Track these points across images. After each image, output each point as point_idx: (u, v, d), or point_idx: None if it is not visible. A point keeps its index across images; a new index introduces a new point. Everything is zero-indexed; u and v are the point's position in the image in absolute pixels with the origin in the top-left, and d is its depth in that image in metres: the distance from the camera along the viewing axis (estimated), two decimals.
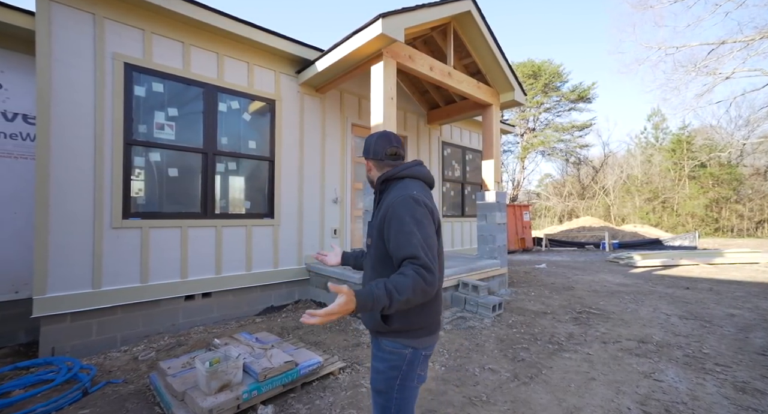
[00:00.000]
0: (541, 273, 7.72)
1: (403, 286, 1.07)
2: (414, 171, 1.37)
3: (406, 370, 1.25)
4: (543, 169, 52.96)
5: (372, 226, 1.36)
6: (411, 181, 1.34)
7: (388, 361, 1.26)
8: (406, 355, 1.25)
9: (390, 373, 1.26)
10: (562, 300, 5.07)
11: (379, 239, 1.29)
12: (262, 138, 4.54)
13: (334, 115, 5.39)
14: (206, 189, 4.00)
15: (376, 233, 1.31)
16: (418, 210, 1.21)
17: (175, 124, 3.79)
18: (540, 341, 3.42)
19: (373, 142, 1.44)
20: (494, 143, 5.67)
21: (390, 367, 1.26)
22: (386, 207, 1.25)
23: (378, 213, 1.33)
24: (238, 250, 4.26)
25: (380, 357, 1.29)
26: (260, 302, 4.48)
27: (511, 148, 29.76)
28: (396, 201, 1.23)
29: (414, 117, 6.71)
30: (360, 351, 3.20)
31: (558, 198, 29.22)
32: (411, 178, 1.35)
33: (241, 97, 4.33)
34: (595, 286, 6.09)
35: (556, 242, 14.98)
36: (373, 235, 1.33)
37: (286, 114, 4.76)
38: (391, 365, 1.26)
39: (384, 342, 1.28)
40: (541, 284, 6.29)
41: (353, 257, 1.66)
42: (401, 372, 1.25)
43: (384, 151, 1.41)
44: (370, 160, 1.46)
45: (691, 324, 3.91)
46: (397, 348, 1.25)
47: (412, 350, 1.25)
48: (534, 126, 28.42)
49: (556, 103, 27.47)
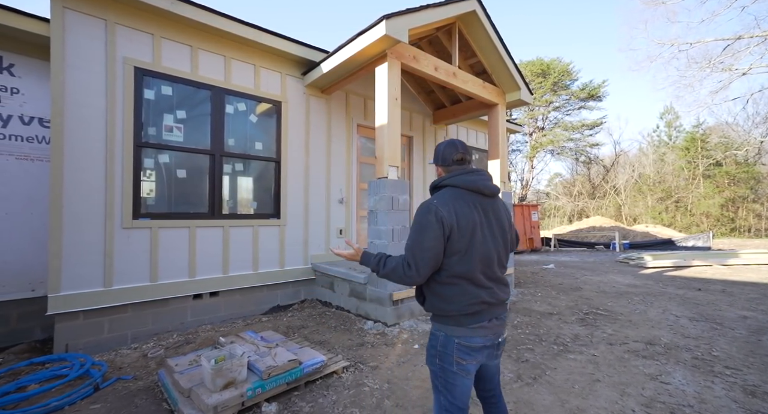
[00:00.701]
0: (548, 273, 7.65)
1: (390, 264, 1.41)
2: (454, 180, 1.47)
3: (442, 352, 1.39)
4: (552, 168, 52.42)
5: None
6: (448, 190, 1.47)
7: (431, 340, 1.46)
8: (439, 338, 1.41)
9: (431, 350, 1.45)
10: (569, 301, 5.02)
11: None
12: (268, 139, 4.60)
13: (340, 116, 5.43)
14: (214, 190, 4.08)
15: None
16: (426, 218, 1.37)
17: (184, 126, 3.87)
18: (545, 342, 3.40)
19: (442, 149, 1.58)
20: (500, 143, 5.64)
21: (431, 346, 1.45)
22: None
23: None
24: (245, 250, 4.32)
25: (430, 337, 1.49)
26: (267, 301, 4.54)
27: (519, 148, 29.53)
28: (420, 209, 1.42)
29: (420, 117, 6.71)
30: (364, 351, 3.23)
31: (568, 198, 28.86)
32: (451, 186, 1.48)
33: (248, 99, 4.39)
34: (603, 287, 6.01)
35: (565, 242, 14.81)
36: None
37: (292, 115, 4.81)
38: (432, 344, 1.45)
39: (431, 323, 1.49)
40: (548, 285, 6.23)
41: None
42: (438, 352, 1.41)
43: (451, 158, 1.54)
44: (439, 166, 1.60)
45: (702, 326, 3.84)
46: (435, 330, 1.46)
47: (444, 335, 1.40)
48: (543, 125, 28.12)
49: (565, 101, 27.16)
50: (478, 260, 1.37)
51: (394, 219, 3.91)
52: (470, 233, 1.37)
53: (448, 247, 1.36)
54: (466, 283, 1.36)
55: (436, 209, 1.36)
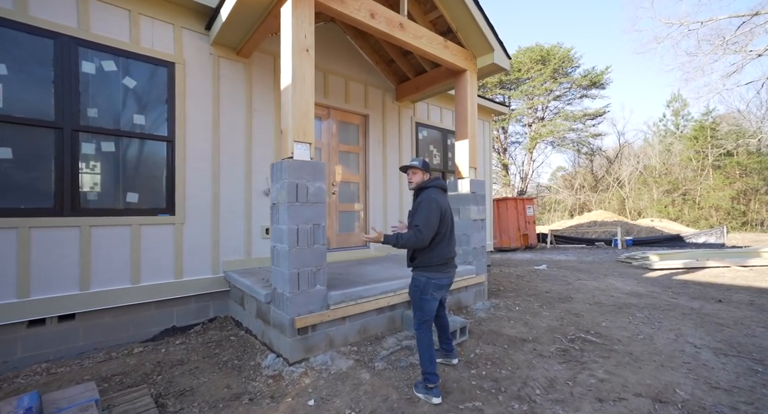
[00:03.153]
0: (537, 277, 6.54)
1: (405, 238, 2.36)
2: (436, 183, 2.57)
3: (423, 289, 2.42)
4: (554, 161, 51.02)
5: (412, 214, 2.48)
6: (432, 190, 2.52)
7: (414, 283, 2.49)
8: (421, 281, 2.44)
9: (415, 290, 2.47)
10: (552, 318, 3.93)
11: (411, 219, 2.48)
12: (156, 112, 3.51)
13: (267, 86, 4.32)
14: (63, 177, 3.01)
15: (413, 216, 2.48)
16: (430, 205, 2.39)
17: (3, 86, 2.78)
18: (503, 394, 2.32)
19: (425, 162, 2.63)
20: (469, 119, 4.51)
21: (414, 287, 2.47)
22: (419, 202, 2.47)
23: (414, 205, 2.54)
24: (119, 257, 3.26)
25: (412, 282, 2.51)
26: (155, 323, 3.49)
27: (519, 139, 28.22)
28: (424, 200, 2.43)
29: (378, 92, 5.58)
30: (239, 407, 2.16)
31: (569, 191, 27.57)
32: (433, 187, 2.54)
33: (120, 57, 3.30)
34: (599, 297, 4.90)
35: (563, 239, 13.66)
36: (412, 217, 2.48)
37: (192, 82, 3.72)
38: (414, 285, 2.47)
39: (413, 273, 2.52)
40: (533, 293, 5.13)
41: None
42: (419, 289, 2.44)
43: (429, 167, 2.65)
44: (426, 172, 2.62)
45: (734, 364, 2.74)
46: (417, 276, 2.48)
47: (425, 278, 2.43)
48: (543, 115, 26.77)
49: (566, 89, 25.72)
50: (449, 232, 2.52)
51: (299, 215, 2.83)
52: (449, 216, 2.53)
53: (440, 224, 2.42)
54: (444, 245, 2.47)
55: (436, 200, 2.42)
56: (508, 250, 12.08)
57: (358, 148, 5.37)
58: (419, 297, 2.41)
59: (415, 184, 2.59)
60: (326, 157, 4.98)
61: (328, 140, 5.01)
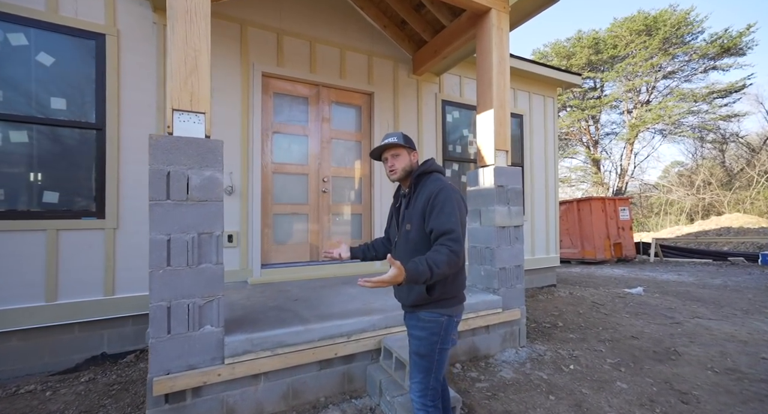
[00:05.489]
0: (624, 307, 4.57)
1: (441, 262, 1.31)
2: (437, 166, 1.65)
3: (444, 335, 1.49)
4: (664, 153, 42.35)
5: (411, 214, 1.55)
6: (439, 177, 1.60)
7: (428, 328, 1.49)
8: (442, 322, 1.49)
9: (431, 338, 1.48)
10: (633, 399, 2.27)
11: (420, 222, 1.50)
12: (80, 94, 2.95)
13: (229, 60, 3.54)
14: None
15: (417, 218, 1.51)
16: (455, 195, 1.49)
17: None
18: None
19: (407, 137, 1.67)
20: (495, 80, 3.08)
21: (431, 334, 1.48)
22: (428, 195, 1.49)
23: (415, 201, 1.56)
24: (30, 270, 2.73)
25: (420, 327, 1.51)
26: (78, 349, 2.90)
27: (614, 129, 23.69)
28: (439, 190, 1.48)
29: (387, 64, 4.41)
30: None
31: (687, 189, 22.02)
32: (437, 172, 1.62)
33: (33, 28, 2.79)
34: (734, 357, 2.94)
35: (675, 250, 10.44)
36: (414, 220, 1.53)
37: (129, 56, 3.10)
38: (431, 332, 1.49)
39: (423, 314, 1.51)
40: (609, 337, 3.37)
41: (361, 251, 1.86)
42: (440, 337, 1.49)
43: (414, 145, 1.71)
44: (414, 152, 1.68)
45: None
46: (435, 317, 1.49)
47: (447, 318, 1.50)
48: (648, 97, 21.95)
49: (683, 63, 20.61)
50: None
51: (170, 220, 1.86)
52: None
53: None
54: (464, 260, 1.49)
55: (457, 191, 1.54)
56: (593, 262, 9.59)
57: (359, 134, 4.28)
58: (439, 348, 1.50)
59: (401, 171, 1.64)
60: (315, 146, 4.01)
61: (318, 126, 4.03)
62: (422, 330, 1.51)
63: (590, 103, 22.23)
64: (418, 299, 1.50)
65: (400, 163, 1.63)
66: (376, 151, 1.69)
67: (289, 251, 3.87)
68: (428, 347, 1.49)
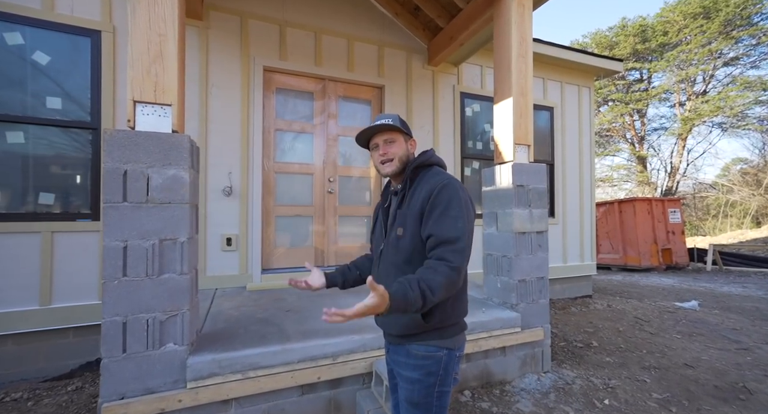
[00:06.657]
0: (675, 324, 3.94)
1: (437, 285, 0.99)
2: (437, 158, 1.30)
3: (443, 375, 1.15)
4: (723, 149, 38.43)
5: (405, 215, 1.19)
6: (440, 170, 1.27)
7: (423, 367, 1.14)
8: (441, 358, 1.14)
9: (427, 380, 1.14)
10: None
11: (416, 227, 1.15)
12: (77, 93, 2.89)
13: (229, 55, 3.38)
14: None
15: (413, 221, 1.16)
16: (463, 194, 1.16)
17: None
18: None
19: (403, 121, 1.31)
20: (513, 65, 2.67)
21: (426, 374, 1.14)
22: (429, 190, 1.15)
23: (410, 199, 1.20)
24: (23, 272, 2.69)
25: (412, 365, 1.16)
26: (74, 354, 2.83)
27: (663, 124, 21.70)
28: (443, 186, 1.14)
29: (399, 55, 4.08)
30: None
31: (752, 189, 19.70)
32: (437, 166, 1.29)
33: (29, 27, 2.75)
34: None
35: (738, 259, 9.21)
36: (408, 223, 1.17)
37: (125, 53, 3.01)
38: (427, 371, 1.14)
39: (414, 347, 1.16)
40: (657, 365, 2.83)
41: (341, 275, 1.41)
42: (438, 377, 1.14)
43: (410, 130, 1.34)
44: (411, 138, 1.32)
45: None
46: (431, 351, 1.14)
47: (447, 352, 1.15)
48: (705, 87, 19.88)
49: (750, 47, 18.42)
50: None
51: (127, 224, 1.66)
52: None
53: None
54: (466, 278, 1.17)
55: (463, 189, 1.19)
56: (637, 270, 8.66)
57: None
58: (437, 391, 1.16)
59: (397, 162, 1.25)
60: (321, 144, 3.77)
61: (323, 121, 3.78)
62: (414, 369, 1.16)
63: (635, 95, 20.51)
64: (410, 327, 1.14)
65: (397, 150, 1.25)
66: (363, 136, 1.28)
67: (292, 255, 3.65)
68: (423, 392, 1.14)
